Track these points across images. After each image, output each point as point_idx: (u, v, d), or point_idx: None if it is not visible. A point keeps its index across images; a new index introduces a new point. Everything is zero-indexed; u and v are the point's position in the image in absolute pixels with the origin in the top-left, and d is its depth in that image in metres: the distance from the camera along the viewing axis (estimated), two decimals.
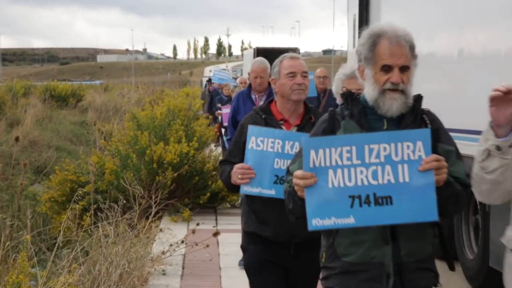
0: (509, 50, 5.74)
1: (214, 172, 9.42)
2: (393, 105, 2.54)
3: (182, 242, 6.31)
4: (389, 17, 8.83)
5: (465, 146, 6.09)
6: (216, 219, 8.81)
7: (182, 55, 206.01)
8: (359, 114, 2.59)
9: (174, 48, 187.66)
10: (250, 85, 6.40)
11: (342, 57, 73.90)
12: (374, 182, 2.38)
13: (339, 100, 3.71)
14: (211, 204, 9.33)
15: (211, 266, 6.46)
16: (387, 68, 2.54)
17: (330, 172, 2.40)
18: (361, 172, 2.39)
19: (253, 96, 6.30)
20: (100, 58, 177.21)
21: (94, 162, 8.67)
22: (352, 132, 2.55)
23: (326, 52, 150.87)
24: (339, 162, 2.40)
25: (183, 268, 6.37)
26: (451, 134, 2.76)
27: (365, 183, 2.39)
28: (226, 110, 10.18)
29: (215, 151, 10.87)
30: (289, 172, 2.71)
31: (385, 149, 2.39)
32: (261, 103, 6.05)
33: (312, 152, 2.41)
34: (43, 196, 9.07)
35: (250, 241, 3.61)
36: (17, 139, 9.85)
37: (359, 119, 2.58)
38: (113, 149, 9.33)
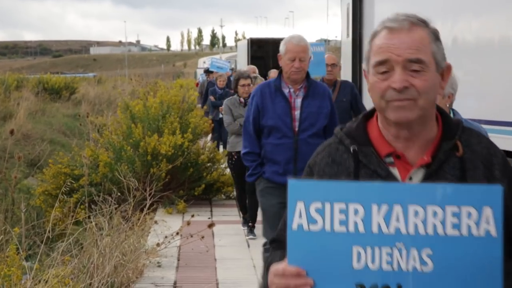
0: (503, 39, 5.73)
1: (208, 164, 9.40)
2: None
3: (177, 234, 6.29)
4: (383, 6, 8.81)
5: None
6: (211, 211, 8.80)
7: (175, 46, 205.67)
8: None
9: (168, 40, 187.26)
10: (280, 73, 4.53)
11: (337, 47, 73.89)
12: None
13: None
14: (206, 195, 9.32)
15: (207, 258, 6.45)
16: None
17: None
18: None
19: (285, 90, 4.46)
20: (93, 51, 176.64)
21: (88, 155, 8.64)
22: None
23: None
24: None
25: (178, 260, 6.36)
26: None
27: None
28: None
29: (210, 142, 10.84)
30: None
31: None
32: (298, 100, 4.45)
33: None
34: (37, 190, 9.04)
35: None
36: (12, 132, 9.81)
37: None
38: (106, 142, 9.30)
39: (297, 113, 4.43)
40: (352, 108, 6.56)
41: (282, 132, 4.41)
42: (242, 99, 7.25)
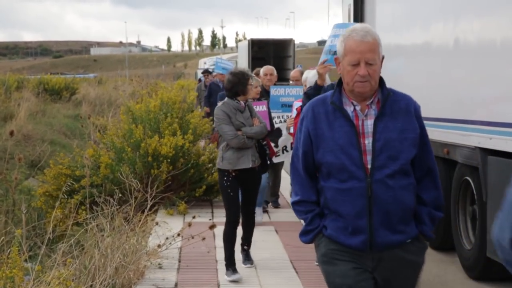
0: (504, 40, 5.71)
1: (209, 165, 9.39)
2: None
3: (178, 235, 6.28)
4: (384, 6, 8.79)
5: (467, 137, 6.07)
6: (212, 212, 8.79)
7: (176, 47, 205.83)
8: None
9: (168, 41, 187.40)
10: (339, 82, 3.02)
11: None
12: None
13: None
14: (207, 196, 9.31)
15: (208, 259, 6.44)
16: None
17: None
18: None
19: (348, 108, 2.96)
20: (94, 51, 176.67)
21: (89, 156, 8.63)
22: None
23: (321, 43, 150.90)
24: None
25: (179, 261, 6.35)
26: (452, 124, 2.51)
27: None
28: None
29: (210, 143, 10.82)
30: None
31: None
32: (369, 122, 2.94)
33: None
34: (38, 191, 9.03)
35: None
36: (11, 133, 9.79)
37: None
38: (107, 143, 9.29)
39: (368, 141, 2.93)
40: None
41: (348, 171, 2.92)
42: (242, 103, 5.96)
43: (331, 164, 2.95)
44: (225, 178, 5.88)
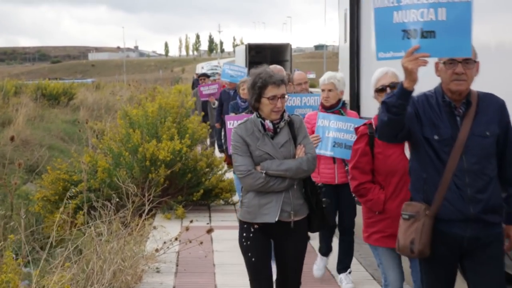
0: (508, 44, 5.73)
1: (207, 169, 9.41)
2: None
3: (176, 239, 6.31)
4: None
5: None
6: (210, 216, 8.81)
7: (173, 52, 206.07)
8: None
9: (166, 45, 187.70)
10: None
11: (334, 52, 74.07)
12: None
13: None
14: (205, 201, 9.33)
15: (205, 263, 6.46)
16: None
17: None
18: None
19: None
20: (92, 56, 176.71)
21: (87, 161, 8.65)
22: None
23: (318, 47, 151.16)
24: None
25: (177, 265, 6.37)
26: None
27: None
28: (232, 123, 5.80)
29: (208, 148, 10.83)
30: None
31: None
32: None
33: None
34: (36, 195, 9.05)
35: None
36: (12, 138, 9.81)
37: None
38: (105, 147, 9.31)
39: None
40: (499, 146, 3.42)
41: None
42: (268, 123, 3.93)
43: None
44: (245, 234, 3.97)
